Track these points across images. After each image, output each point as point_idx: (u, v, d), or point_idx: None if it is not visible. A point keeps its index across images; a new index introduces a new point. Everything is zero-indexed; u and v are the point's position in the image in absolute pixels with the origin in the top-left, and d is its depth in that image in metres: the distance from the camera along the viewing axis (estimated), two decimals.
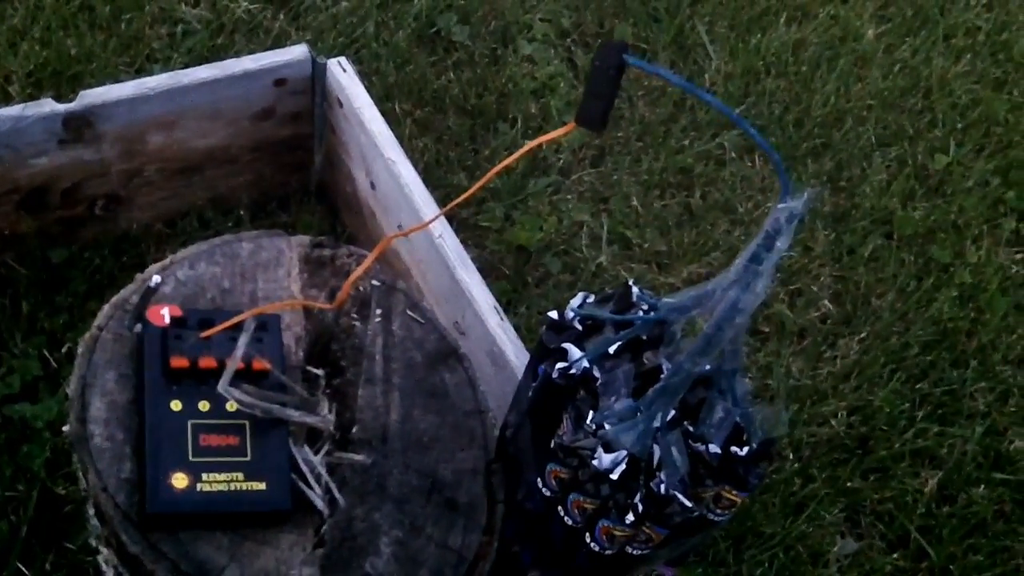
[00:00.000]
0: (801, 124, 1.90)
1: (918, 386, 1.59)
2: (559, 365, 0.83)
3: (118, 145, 1.39)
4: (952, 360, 1.64)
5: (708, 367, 0.78)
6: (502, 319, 1.28)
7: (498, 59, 1.88)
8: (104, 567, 0.86)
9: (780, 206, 0.58)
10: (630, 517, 0.80)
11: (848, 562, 1.44)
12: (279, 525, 0.82)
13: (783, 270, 1.72)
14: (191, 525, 0.79)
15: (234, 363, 0.81)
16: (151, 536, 0.77)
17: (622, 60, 0.60)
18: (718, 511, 0.85)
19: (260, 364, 0.83)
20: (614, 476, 0.79)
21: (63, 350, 1.36)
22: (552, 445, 0.85)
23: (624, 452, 0.79)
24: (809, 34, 2.03)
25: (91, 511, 0.80)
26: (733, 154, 1.84)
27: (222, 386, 0.80)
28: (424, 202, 1.36)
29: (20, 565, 1.18)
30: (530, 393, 0.90)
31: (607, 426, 0.80)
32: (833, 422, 1.53)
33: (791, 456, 1.48)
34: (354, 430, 0.90)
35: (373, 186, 1.45)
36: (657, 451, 0.80)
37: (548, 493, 0.85)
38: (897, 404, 1.56)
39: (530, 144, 0.77)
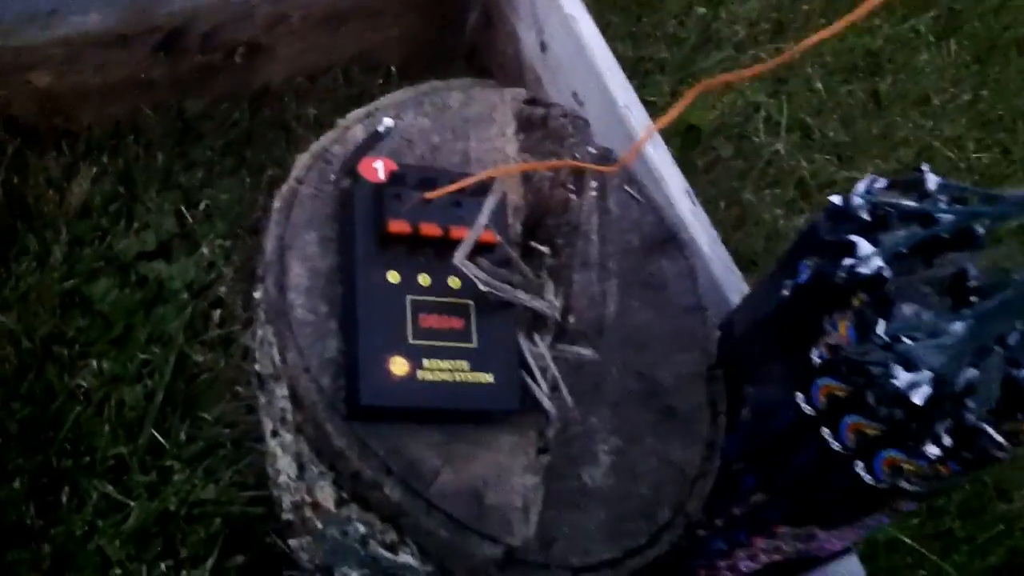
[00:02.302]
0: None
1: None
2: (846, 261, 0.68)
3: None
4: None
5: None
6: (694, 204, 1.13)
7: None
8: (279, 453, 0.75)
9: None
10: (932, 450, 0.66)
11: None
12: (499, 424, 0.69)
13: None
14: (406, 419, 0.66)
15: (478, 231, 0.67)
16: (358, 428, 0.65)
17: None
18: (1006, 447, 0.70)
19: (488, 236, 0.69)
20: (916, 400, 0.64)
21: (199, 207, 1.24)
22: (817, 356, 0.71)
23: (928, 373, 0.65)
24: None
25: (281, 392, 0.68)
26: (931, 37, 1.65)
27: (459, 258, 0.66)
28: (608, 65, 1.20)
29: (154, 432, 1.08)
30: (784, 292, 0.76)
31: (907, 340, 0.65)
32: None
33: None
34: (570, 319, 0.77)
35: (543, 47, 1.29)
36: (965, 375, 0.65)
37: (810, 411, 0.71)
38: None
39: None
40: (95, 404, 1.08)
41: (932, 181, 0.72)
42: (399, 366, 0.64)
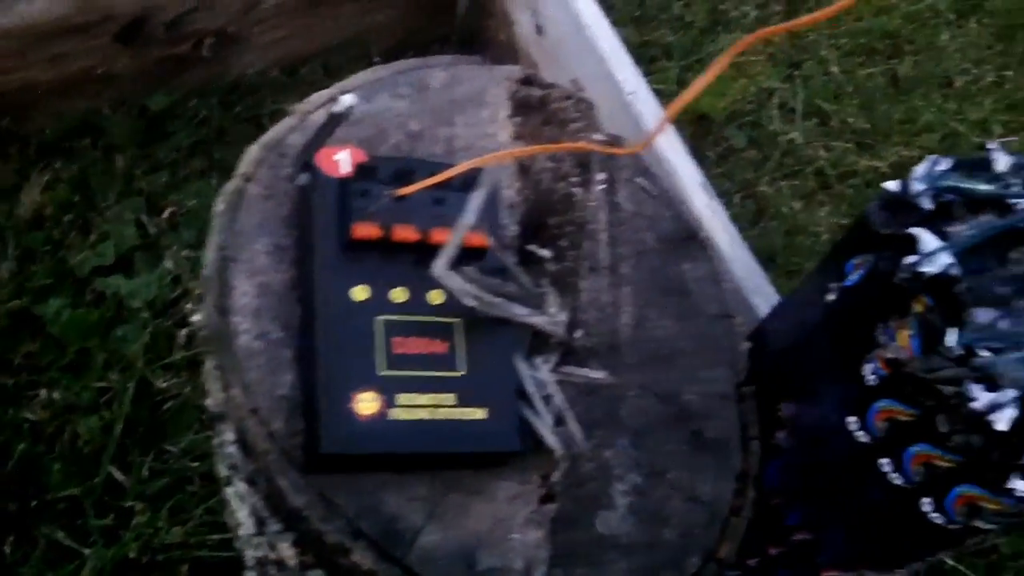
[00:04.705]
0: None
1: None
2: (908, 260, 0.57)
3: None
4: None
5: None
6: (711, 199, 1.01)
7: None
8: (236, 504, 0.63)
9: None
10: (1021, 485, 0.54)
11: None
12: (495, 469, 0.57)
13: None
14: (378, 467, 0.54)
15: (461, 233, 0.55)
16: (321, 482, 0.53)
17: None
18: None
19: (477, 239, 0.57)
20: (1000, 425, 0.53)
21: (163, 215, 1.12)
22: (871, 373, 0.59)
23: (1013, 391, 0.53)
24: None
25: (230, 436, 0.56)
26: (951, 16, 1.53)
27: (441, 267, 0.54)
28: (612, 47, 1.08)
29: (113, 469, 0.96)
30: (830, 297, 0.64)
31: (985, 352, 0.54)
32: None
33: None
34: (577, 335, 0.65)
35: (539, 30, 1.18)
36: None
37: (866, 439, 0.60)
38: None
39: None
40: (45, 439, 0.96)
41: (1003, 161, 0.60)
42: (367, 404, 0.52)
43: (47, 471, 0.94)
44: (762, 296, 0.93)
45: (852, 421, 0.61)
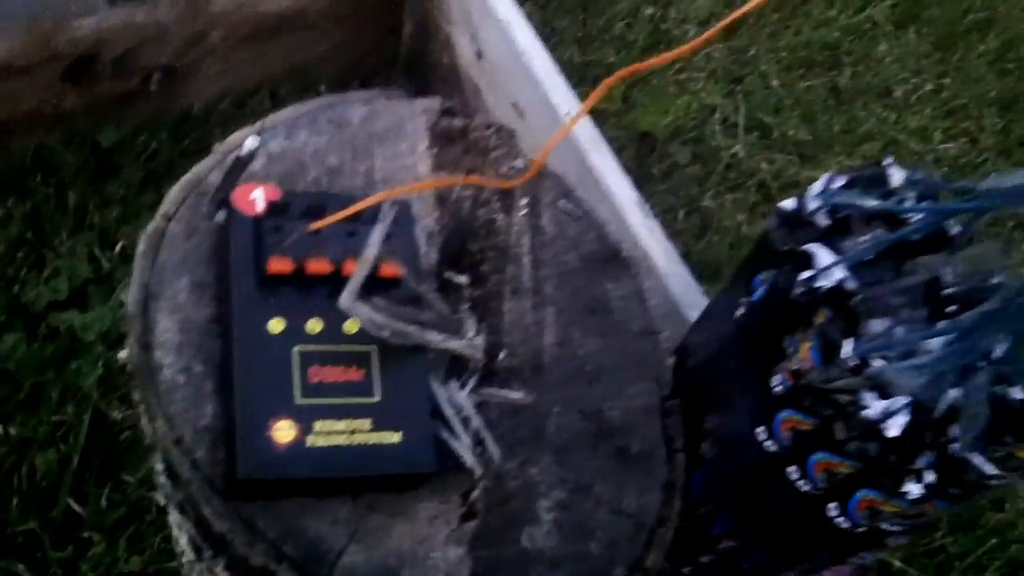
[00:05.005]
0: None
1: None
2: (804, 275, 0.59)
3: (178, 4, 1.15)
4: None
5: None
6: (647, 216, 1.04)
7: None
8: (176, 531, 0.65)
9: None
10: (914, 489, 0.57)
11: None
12: (415, 488, 0.60)
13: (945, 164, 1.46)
14: (298, 492, 0.57)
15: (365, 265, 0.57)
16: (243, 508, 0.55)
17: None
18: (999, 476, 0.61)
19: (391, 269, 0.59)
20: (892, 432, 0.56)
21: (116, 249, 1.15)
22: (778, 384, 0.62)
23: (904, 399, 0.56)
24: None
25: (160, 466, 0.58)
26: (889, 27, 1.57)
27: (347, 299, 0.56)
28: (546, 71, 1.11)
29: (71, 501, 0.98)
30: (740, 312, 0.67)
31: (879, 361, 0.56)
32: None
33: None
34: (500, 357, 0.68)
35: (479, 55, 1.21)
36: (947, 399, 0.56)
37: (774, 448, 0.63)
38: None
39: None
40: (3, 474, 0.98)
41: (897, 175, 0.63)
42: (284, 432, 0.55)
43: (5, 506, 0.95)
44: (699, 311, 0.96)
45: (761, 431, 0.63)
